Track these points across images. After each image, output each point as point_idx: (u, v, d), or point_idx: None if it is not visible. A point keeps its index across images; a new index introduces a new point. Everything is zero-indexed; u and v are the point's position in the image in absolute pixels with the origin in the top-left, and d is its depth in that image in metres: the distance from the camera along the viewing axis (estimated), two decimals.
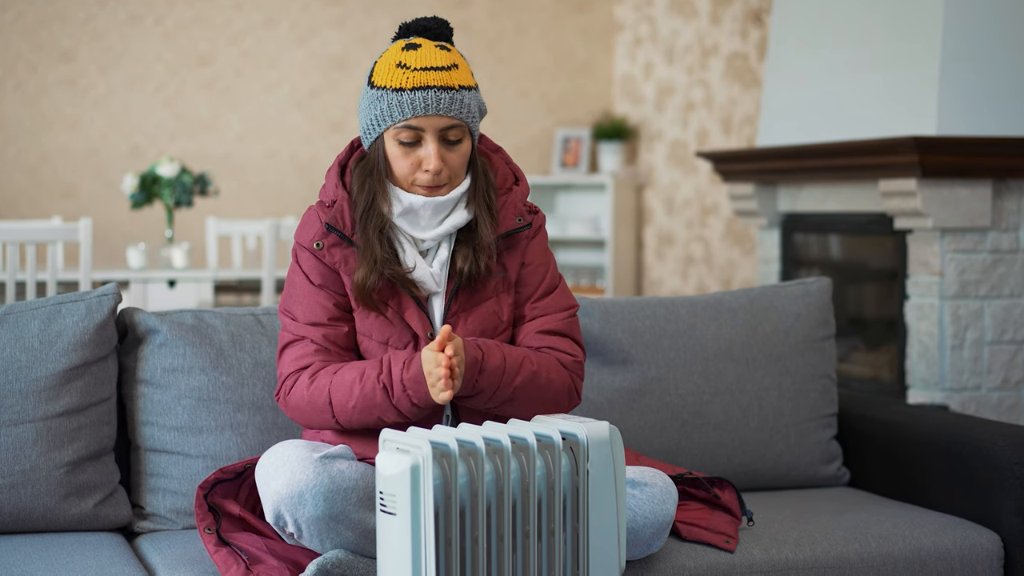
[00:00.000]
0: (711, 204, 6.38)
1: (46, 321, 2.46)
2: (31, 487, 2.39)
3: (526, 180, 2.41)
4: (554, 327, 2.36)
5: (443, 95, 2.23)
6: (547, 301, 2.37)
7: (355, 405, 2.25)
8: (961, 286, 4.31)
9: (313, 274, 2.32)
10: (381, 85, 2.27)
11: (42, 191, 6.48)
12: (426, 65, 2.25)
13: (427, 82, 2.23)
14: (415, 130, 2.25)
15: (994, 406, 4.32)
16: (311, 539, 2.16)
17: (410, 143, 2.26)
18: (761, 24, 5.99)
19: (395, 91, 2.25)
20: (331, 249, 2.31)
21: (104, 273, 4.77)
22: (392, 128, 2.26)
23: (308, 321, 2.32)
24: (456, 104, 2.24)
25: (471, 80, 2.28)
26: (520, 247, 2.37)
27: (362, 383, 2.24)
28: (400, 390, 2.22)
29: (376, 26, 6.86)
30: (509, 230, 2.34)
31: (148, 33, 6.60)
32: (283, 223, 4.72)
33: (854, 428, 2.94)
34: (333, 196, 2.33)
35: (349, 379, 2.25)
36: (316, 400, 2.28)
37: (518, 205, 2.36)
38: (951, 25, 4.30)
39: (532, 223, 2.37)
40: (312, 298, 2.32)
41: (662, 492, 2.27)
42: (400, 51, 2.28)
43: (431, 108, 2.23)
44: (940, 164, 4.22)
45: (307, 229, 2.34)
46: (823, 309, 2.94)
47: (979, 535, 2.55)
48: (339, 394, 2.26)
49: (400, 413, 2.24)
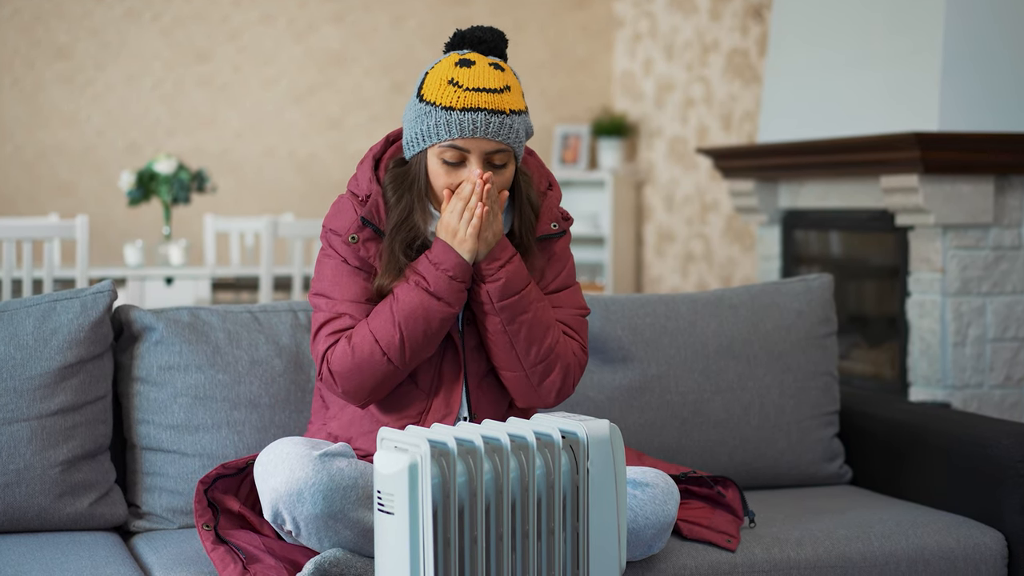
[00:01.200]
0: (711, 201, 6.36)
1: (41, 318, 2.45)
2: (25, 486, 2.38)
3: (558, 185, 2.40)
4: (564, 320, 2.35)
5: (493, 119, 2.20)
6: (560, 296, 2.36)
7: (399, 323, 2.21)
8: (963, 283, 4.30)
9: (350, 257, 2.30)
10: (431, 100, 2.22)
11: (39, 188, 6.47)
12: (478, 86, 2.20)
13: (478, 104, 2.20)
14: (460, 151, 2.22)
15: (996, 403, 4.31)
16: (309, 537, 2.15)
17: (454, 163, 2.23)
18: (761, 20, 5.98)
19: (445, 109, 2.20)
20: (366, 243, 2.29)
21: (101, 270, 4.76)
22: (438, 146, 2.23)
23: (347, 298, 2.28)
24: (505, 129, 2.21)
25: (522, 103, 2.25)
26: (549, 252, 2.36)
27: (394, 300, 2.22)
28: (432, 272, 2.21)
29: (375, 22, 6.85)
30: (543, 235, 2.33)
31: (145, 29, 6.58)
32: (281, 220, 4.71)
33: (856, 426, 2.93)
34: (367, 190, 2.30)
35: (384, 309, 2.23)
36: (362, 349, 2.23)
37: (553, 211, 2.35)
38: (953, 20, 4.29)
39: (566, 231, 2.37)
40: (351, 278, 2.29)
41: (664, 493, 2.26)
42: (453, 66, 2.24)
43: (479, 131, 2.20)
44: (942, 160, 4.21)
45: (341, 218, 2.30)
46: (825, 306, 2.93)
47: (983, 534, 2.54)
48: (381, 328, 2.22)
49: (441, 299, 2.21)
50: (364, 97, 6.85)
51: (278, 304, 2.65)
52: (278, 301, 3.12)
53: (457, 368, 2.30)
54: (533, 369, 2.28)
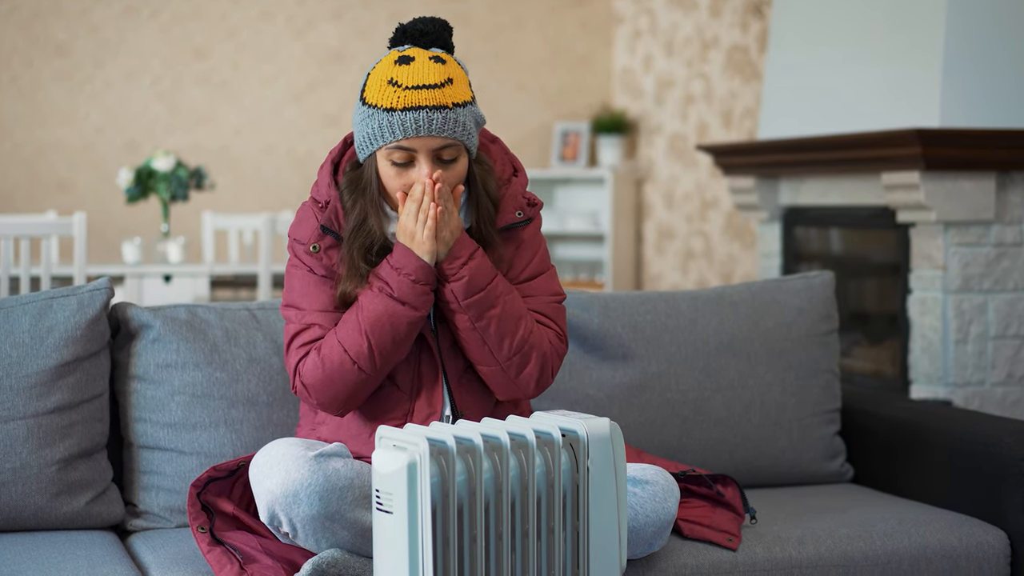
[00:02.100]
0: (711, 198, 6.35)
1: (37, 316, 2.43)
2: (22, 485, 2.37)
3: (524, 171, 2.37)
4: (539, 308, 2.32)
5: (435, 115, 2.17)
6: (533, 284, 2.33)
7: (366, 331, 2.20)
8: (964, 280, 4.29)
9: (316, 267, 2.29)
10: (372, 103, 2.20)
11: (37, 185, 6.46)
12: (417, 83, 2.17)
13: (418, 102, 2.16)
14: (407, 151, 2.19)
15: (998, 401, 4.30)
16: (306, 539, 2.14)
17: (403, 164, 2.21)
18: (761, 16, 5.96)
19: (386, 111, 2.18)
20: (328, 251, 2.27)
21: (99, 268, 4.75)
22: (384, 148, 2.20)
23: (316, 308, 2.27)
24: (450, 124, 2.18)
25: (467, 94, 2.21)
26: (516, 240, 2.33)
27: (360, 308, 2.20)
28: (395, 276, 2.18)
29: (374, 19, 6.84)
30: (507, 224, 2.30)
31: (144, 26, 6.57)
32: (280, 217, 4.70)
33: (857, 424, 2.91)
34: (326, 196, 2.28)
35: (350, 318, 2.22)
36: (331, 360, 2.22)
37: (518, 198, 2.32)
38: (954, 16, 4.28)
39: (532, 218, 2.33)
40: (318, 287, 2.28)
41: (664, 490, 2.25)
42: (393, 65, 2.21)
43: (423, 129, 2.17)
44: (943, 157, 4.20)
45: (303, 227, 2.30)
46: (826, 303, 2.92)
47: (985, 532, 2.53)
48: (348, 337, 2.21)
49: (405, 304, 2.19)
50: None
51: (276, 302, 2.64)
52: (276, 299, 3.10)
53: (435, 368, 2.29)
54: (508, 362, 2.25)
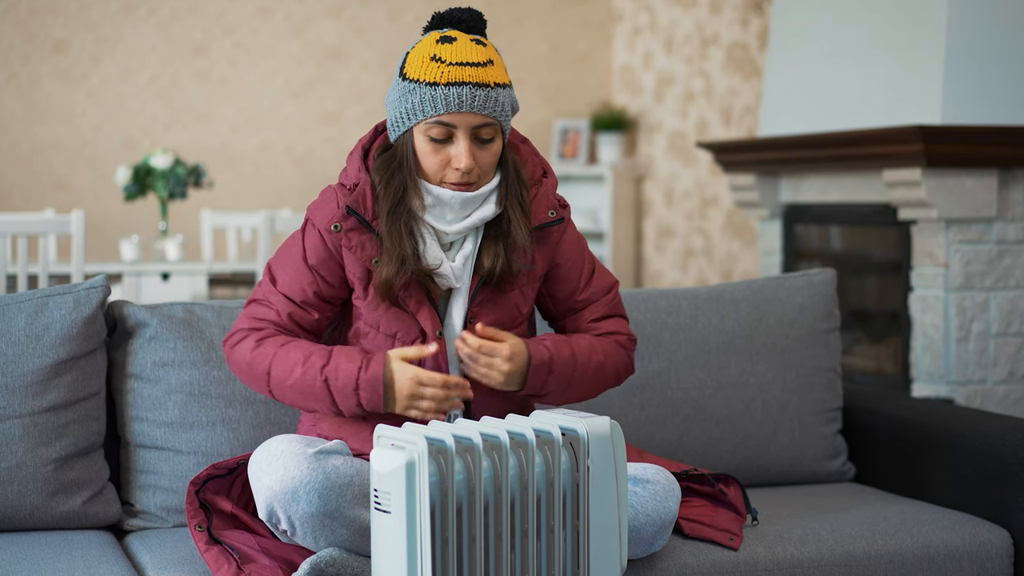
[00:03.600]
0: (711, 196, 6.34)
1: (33, 314, 2.42)
2: (17, 484, 2.36)
3: (553, 172, 2.38)
4: (605, 311, 2.38)
5: (478, 92, 2.18)
6: (592, 289, 2.38)
7: (292, 385, 2.21)
8: (966, 277, 4.28)
9: (311, 253, 2.27)
10: (414, 78, 2.20)
11: (35, 183, 6.45)
12: (462, 60, 2.18)
13: (462, 78, 2.17)
14: (447, 127, 2.20)
15: (1000, 399, 4.29)
16: (305, 537, 2.13)
17: (441, 140, 2.21)
18: (762, 13, 5.95)
19: (429, 85, 2.18)
20: (349, 233, 2.25)
21: (97, 266, 4.74)
22: (423, 123, 2.20)
23: (283, 292, 2.28)
24: (491, 102, 2.19)
25: (506, 77, 2.23)
26: (551, 241, 2.34)
27: (304, 367, 2.20)
28: (350, 389, 2.18)
29: (372, 17, 6.83)
30: (542, 223, 2.31)
31: (142, 23, 6.56)
32: (278, 215, 4.69)
33: (859, 422, 2.90)
34: (355, 179, 2.27)
35: (293, 359, 2.21)
36: (256, 366, 2.24)
37: (549, 198, 2.33)
38: (955, 12, 4.27)
39: (564, 217, 2.34)
40: (298, 273, 2.28)
41: (665, 489, 2.24)
42: (435, 43, 2.21)
43: (465, 105, 2.17)
44: (945, 154, 4.19)
45: (324, 208, 2.28)
46: (827, 301, 2.91)
47: (988, 532, 2.53)
48: (279, 369, 2.22)
49: (339, 412, 2.22)
50: (361, 92, 6.83)
51: None
52: None
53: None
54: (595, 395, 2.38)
